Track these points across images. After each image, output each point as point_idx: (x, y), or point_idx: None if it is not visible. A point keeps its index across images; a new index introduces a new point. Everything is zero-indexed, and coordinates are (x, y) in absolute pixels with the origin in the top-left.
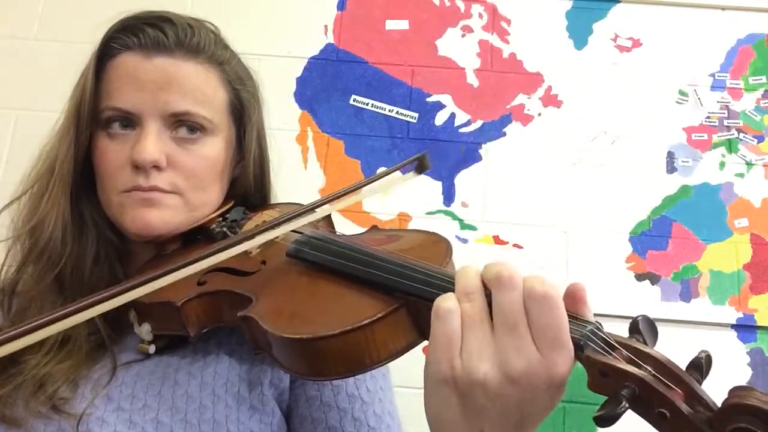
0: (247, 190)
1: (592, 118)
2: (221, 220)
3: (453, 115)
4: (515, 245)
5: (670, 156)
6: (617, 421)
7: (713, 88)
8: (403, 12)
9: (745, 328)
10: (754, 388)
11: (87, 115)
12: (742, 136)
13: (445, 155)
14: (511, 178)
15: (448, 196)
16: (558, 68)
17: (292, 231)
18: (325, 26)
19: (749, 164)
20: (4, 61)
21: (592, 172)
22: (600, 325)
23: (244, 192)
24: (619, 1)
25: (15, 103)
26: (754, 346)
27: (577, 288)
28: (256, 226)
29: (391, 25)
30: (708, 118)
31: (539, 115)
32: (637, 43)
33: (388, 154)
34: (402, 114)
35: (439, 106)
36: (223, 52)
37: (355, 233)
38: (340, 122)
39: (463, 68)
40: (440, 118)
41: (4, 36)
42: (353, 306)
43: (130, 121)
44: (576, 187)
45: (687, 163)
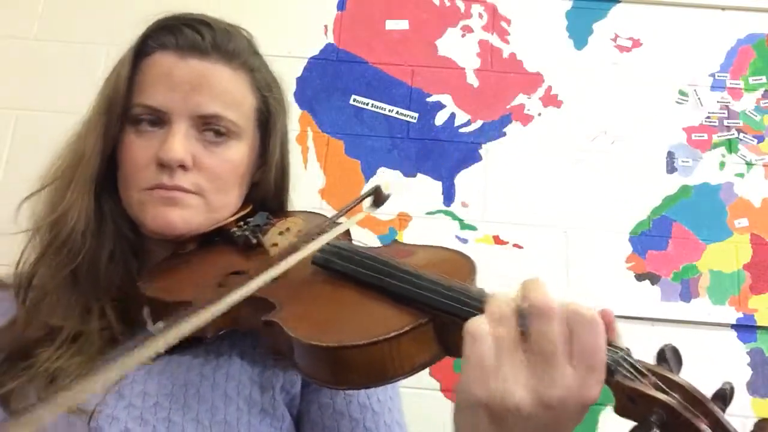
0: (267, 195)
1: (592, 118)
2: (242, 224)
3: (453, 115)
4: (515, 245)
5: (670, 156)
6: None
7: (713, 88)
8: (403, 12)
9: (745, 328)
10: None
11: (119, 111)
12: (742, 136)
13: (445, 155)
14: (511, 178)
15: (448, 196)
16: (558, 68)
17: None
18: (325, 26)
19: (749, 164)
20: (4, 61)
21: (592, 172)
22: (629, 351)
23: (263, 197)
24: (619, 1)
25: (15, 103)
26: (754, 346)
27: (607, 314)
28: (281, 233)
29: (391, 25)
30: (708, 118)
31: (539, 115)
32: (637, 43)
33: (388, 154)
34: (402, 114)
35: (439, 106)
36: (255, 59)
37: (377, 246)
38: (340, 122)
39: (463, 68)
40: (440, 118)
41: (4, 36)
42: (380, 318)
43: (159, 119)
44: (576, 187)
45: (687, 163)
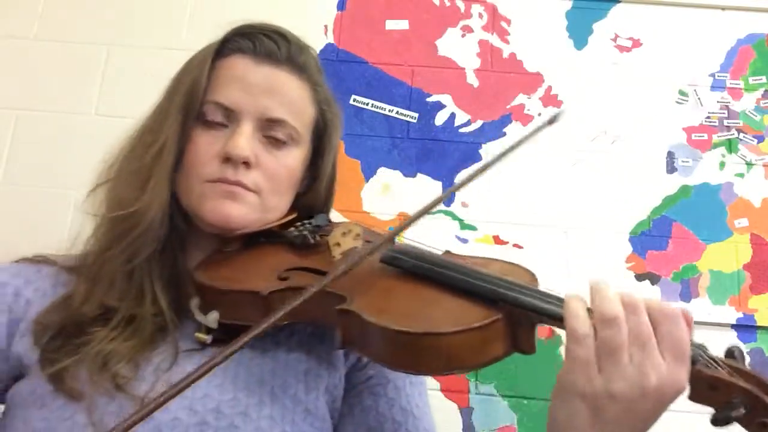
0: (314, 205)
1: (592, 118)
2: (300, 224)
3: (453, 115)
4: (515, 245)
5: (670, 156)
6: (730, 423)
7: (713, 88)
8: (403, 12)
9: (745, 328)
10: None
11: (197, 108)
12: (742, 136)
13: (445, 155)
14: (511, 178)
15: (448, 196)
16: (558, 68)
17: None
18: (325, 26)
19: (749, 164)
20: (4, 61)
21: (592, 172)
22: (705, 346)
23: (310, 206)
24: (619, 1)
25: (15, 103)
26: (754, 346)
27: (687, 313)
28: (343, 234)
29: (391, 25)
30: (708, 118)
31: (539, 115)
32: (637, 43)
33: (388, 154)
34: (402, 114)
35: (439, 106)
36: (319, 76)
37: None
38: None
39: (463, 68)
40: (440, 118)
41: (4, 36)
42: (458, 311)
43: (227, 117)
44: (576, 187)
45: (687, 163)
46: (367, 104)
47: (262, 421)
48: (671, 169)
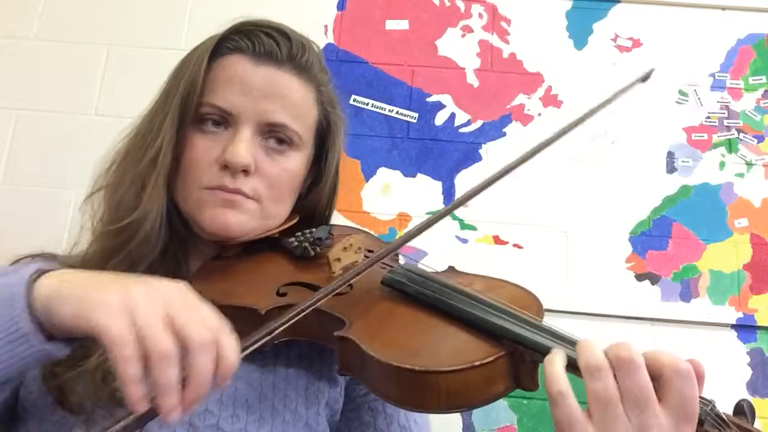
0: (316, 208)
1: (592, 118)
2: (299, 234)
3: (453, 115)
4: (515, 245)
5: (670, 156)
6: None
7: (713, 88)
8: (403, 12)
9: (745, 328)
10: None
11: (193, 110)
12: (742, 136)
13: (445, 155)
14: (511, 178)
15: (448, 196)
16: (558, 68)
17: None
18: (325, 26)
19: (749, 164)
20: (4, 61)
21: (593, 172)
22: (714, 402)
23: (313, 209)
24: (619, 1)
25: (15, 103)
26: (754, 346)
27: (698, 365)
28: (344, 249)
29: (391, 25)
30: (708, 118)
31: (539, 115)
32: (637, 43)
33: (388, 154)
34: (402, 114)
35: (439, 106)
36: (323, 76)
37: (436, 271)
38: None
39: (463, 68)
40: (440, 118)
41: (4, 36)
42: (461, 345)
43: (225, 120)
44: (576, 187)
45: (687, 163)
46: (367, 104)
47: None
48: (671, 169)
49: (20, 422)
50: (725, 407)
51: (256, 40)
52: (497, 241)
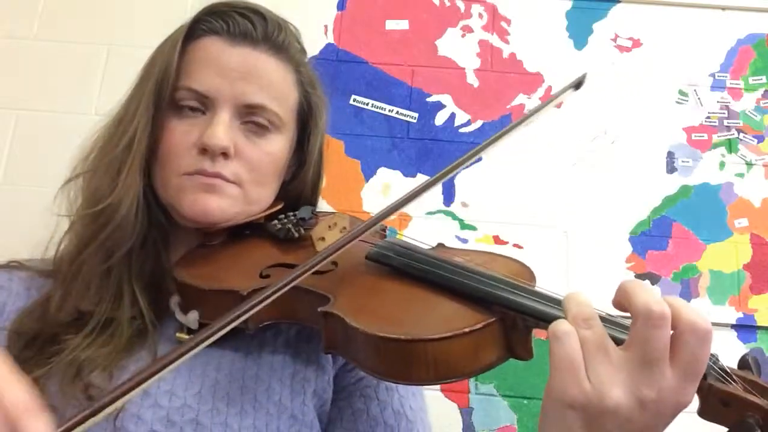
0: (301, 193)
1: (592, 118)
2: (282, 217)
3: (453, 115)
4: (515, 245)
5: (670, 156)
6: None
7: (713, 88)
8: (403, 12)
9: (745, 328)
10: None
11: (168, 94)
12: (742, 136)
13: (445, 155)
14: (511, 178)
15: (448, 196)
16: (558, 68)
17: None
18: (325, 26)
19: (749, 164)
20: (4, 61)
21: (592, 172)
22: (718, 356)
23: (297, 195)
24: (619, 1)
25: (15, 103)
26: (754, 346)
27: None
28: (329, 228)
29: (391, 25)
30: (708, 118)
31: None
32: (637, 43)
33: (388, 154)
34: (402, 114)
35: (439, 106)
36: (302, 56)
37: (426, 247)
38: (340, 122)
39: (463, 68)
40: (440, 118)
41: (4, 36)
42: (449, 314)
43: (202, 105)
44: (576, 187)
45: (687, 163)
46: (367, 104)
47: None
48: (671, 169)
49: None
50: None
51: (231, 20)
52: (497, 241)
